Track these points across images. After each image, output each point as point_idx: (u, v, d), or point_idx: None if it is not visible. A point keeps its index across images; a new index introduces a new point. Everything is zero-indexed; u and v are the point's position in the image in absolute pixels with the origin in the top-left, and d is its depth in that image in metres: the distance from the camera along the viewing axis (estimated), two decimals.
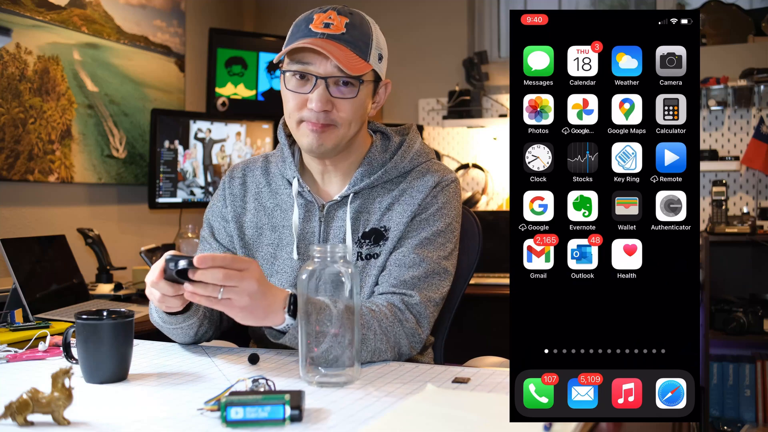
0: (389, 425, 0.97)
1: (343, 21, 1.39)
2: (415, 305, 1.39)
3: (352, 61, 1.36)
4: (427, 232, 1.45)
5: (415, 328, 1.38)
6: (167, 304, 1.27)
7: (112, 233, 3.11)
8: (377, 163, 1.49)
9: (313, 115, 1.38)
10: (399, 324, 1.36)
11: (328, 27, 1.38)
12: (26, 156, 2.73)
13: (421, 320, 1.40)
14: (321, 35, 1.37)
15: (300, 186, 1.49)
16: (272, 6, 4.17)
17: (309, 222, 1.49)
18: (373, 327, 1.31)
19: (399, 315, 1.37)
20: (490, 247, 1.97)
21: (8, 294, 1.96)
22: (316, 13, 1.40)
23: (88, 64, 3.01)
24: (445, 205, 1.48)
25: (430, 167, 1.52)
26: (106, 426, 0.98)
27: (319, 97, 1.37)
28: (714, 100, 3.36)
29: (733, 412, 3.19)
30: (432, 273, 1.43)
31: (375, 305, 1.36)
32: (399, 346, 1.36)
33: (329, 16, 1.39)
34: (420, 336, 1.39)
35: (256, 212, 1.53)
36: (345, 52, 1.36)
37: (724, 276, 3.32)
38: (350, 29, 1.38)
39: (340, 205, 1.48)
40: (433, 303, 1.43)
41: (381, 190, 1.49)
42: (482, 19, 3.96)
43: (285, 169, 1.53)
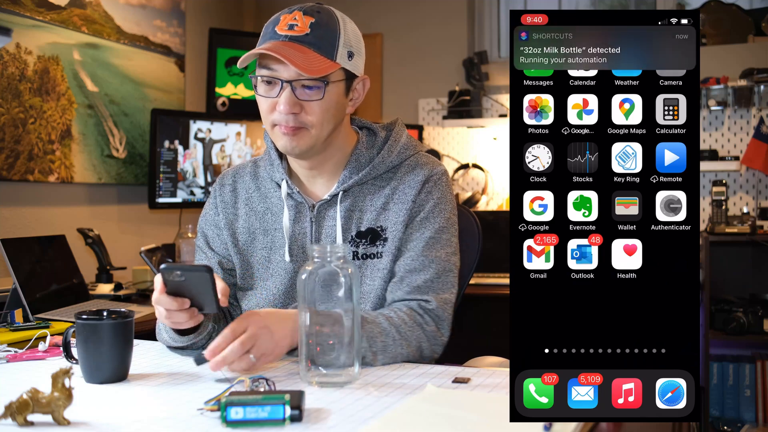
0: (389, 425, 0.97)
1: (308, 21, 1.38)
2: (433, 310, 1.41)
3: (313, 64, 1.35)
4: (431, 231, 1.45)
5: (435, 331, 1.41)
6: (173, 319, 1.26)
7: (112, 233, 3.11)
8: (364, 159, 1.49)
9: (283, 118, 1.39)
10: (419, 328, 1.38)
11: (292, 29, 1.37)
12: (26, 156, 2.73)
13: (440, 324, 1.42)
14: (284, 38, 1.37)
15: (289, 188, 1.49)
16: (272, 6, 4.17)
17: (300, 223, 1.49)
18: (391, 334, 1.34)
19: (419, 319, 1.39)
20: (490, 247, 1.97)
21: (8, 294, 1.96)
22: (283, 14, 1.40)
23: (88, 64, 3.01)
24: (440, 200, 1.48)
25: (418, 160, 1.51)
26: (106, 426, 0.98)
27: (286, 101, 1.37)
28: (714, 100, 3.36)
29: (733, 412, 3.18)
30: (443, 272, 1.44)
31: (393, 311, 1.39)
32: (421, 350, 1.39)
33: (294, 17, 1.38)
34: (441, 339, 1.42)
35: (247, 217, 1.53)
36: (306, 54, 1.35)
37: (724, 276, 3.32)
38: (315, 29, 1.38)
39: (330, 204, 1.48)
40: (450, 304, 1.45)
41: (372, 188, 1.49)
42: (482, 19, 3.96)
43: (273, 172, 1.53)
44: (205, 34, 3.59)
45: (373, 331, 1.32)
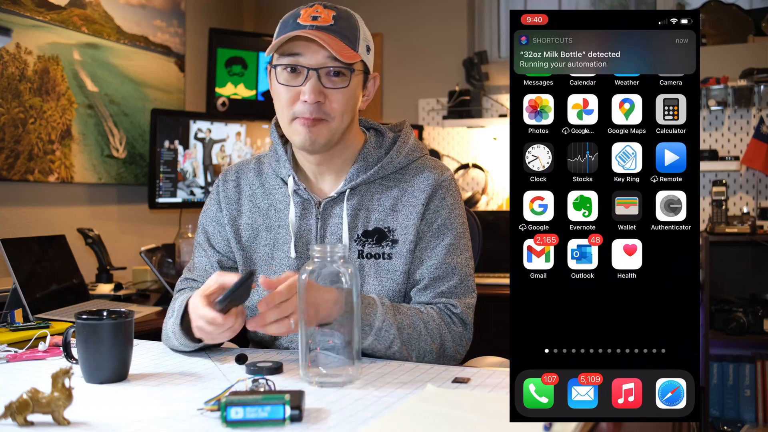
0: (389, 425, 0.97)
1: (330, 13, 1.40)
2: (459, 314, 1.45)
3: (343, 50, 1.37)
4: (450, 238, 1.48)
5: (461, 333, 1.45)
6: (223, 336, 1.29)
7: (112, 233, 3.11)
8: (372, 158, 1.49)
9: (306, 109, 1.38)
10: (446, 327, 1.43)
11: (316, 19, 1.39)
12: (26, 156, 2.73)
13: (466, 327, 1.47)
14: (310, 27, 1.38)
15: (296, 184, 1.49)
16: (272, 6, 4.17)
17: (305, 220, 1.49)
18: (419, 328, 1.38)
19: (447, 319, 1.44)
20: (490, 247, 1.97)
21: (8, 294, 1.96)
22: (302, 8, 1.42)
23: (88, 64, 3.01)
24: (454, 205, 1.50)
25: (426, 164, 1.52)
26: (106, 426, 0.98)
27: (312, 89, 1.37)
28: (714, 100, 3.36)
29: (733, 412, 3.18)
30: (465, 278, 1.48)
31: (423, 308, 1.42)
32: (444, 348, 1.42)
33: (316, 10, 1.40)
34: (465, 339, 1.47)
35: (251, 214, 1.53)
36: (335, 41, 1.37)
37: (724, 276, 3.32)
38: (338, 21, 1.40)
39: (336, 201, 1.48)
40: (472, 308, 1.50)
41: (379, 188, 1.49)
42: (482, 19, 3.96)
43: (279, 168, 1.52)
44: (205, 34, 3.59)
45: (402, 322, 1.35)
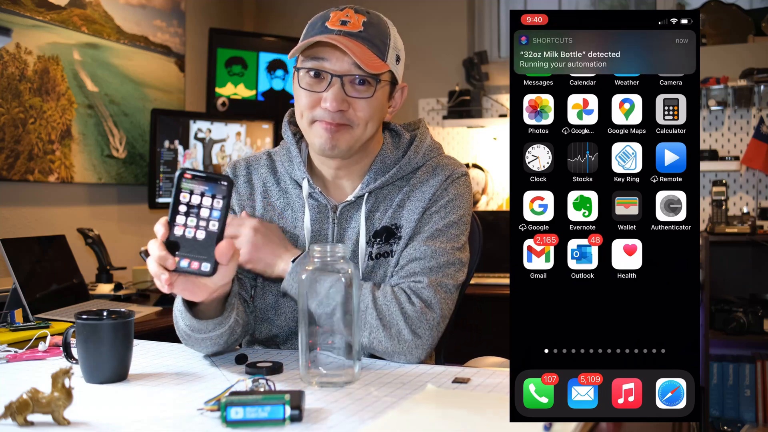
0: (389, 425, 0.97)
1: (361, 19, 1.35)
2: (422, 290, 1.34)
3: (369, 59, 1.32)
4: (439, 224, 1.40)
5: (422, 310, 1.32)
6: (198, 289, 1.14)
7: (112, 233, 3.11)
8: (390, 161, 1.44)
9: (328, 115, 1.33)
10: (396, 304, 1.32)
11: (345, 24, 1.33)
12: (26, 156, 2.73)
13: (431, 304, 1.33)
14: (338, 32, 1.32)
15: (311, 187, 1.44)
16: (272, 6, 4.17)
17: (321, 224, 1.44)
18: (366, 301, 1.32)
19: (400, 297, 1.33)
20: (490, 247, 1.97)
21: (8, 294, 1.97)
22: (332, 11, 1.36)
23: (88, 64, 3.01)
24: (456, 197, 1.43)
25: (440, 162, 1.47)
26: (106, 426, 0.98)
27: (334, 96, 1.32)
28: (714, 100, 3.36)
29: (733, 412, 3.19)
30: (445, 264, 1.38)
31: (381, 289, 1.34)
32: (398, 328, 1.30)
33: (346, 14, 1.35)
34: (428, 318, 1.32)
35: (264, 211, 1.48)
36: (362, 49, 1.32)
37: (724, 276, 3.32)
38: (368, 27, 1.34)
39: (353, 205, 1.44)
40: (444, 288, 1.37)
41: (392, 188, 1.45)
42: (482, 19, 3.96)
43: (293, 169, 1.47)
44: (205, 34, 3.60)
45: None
